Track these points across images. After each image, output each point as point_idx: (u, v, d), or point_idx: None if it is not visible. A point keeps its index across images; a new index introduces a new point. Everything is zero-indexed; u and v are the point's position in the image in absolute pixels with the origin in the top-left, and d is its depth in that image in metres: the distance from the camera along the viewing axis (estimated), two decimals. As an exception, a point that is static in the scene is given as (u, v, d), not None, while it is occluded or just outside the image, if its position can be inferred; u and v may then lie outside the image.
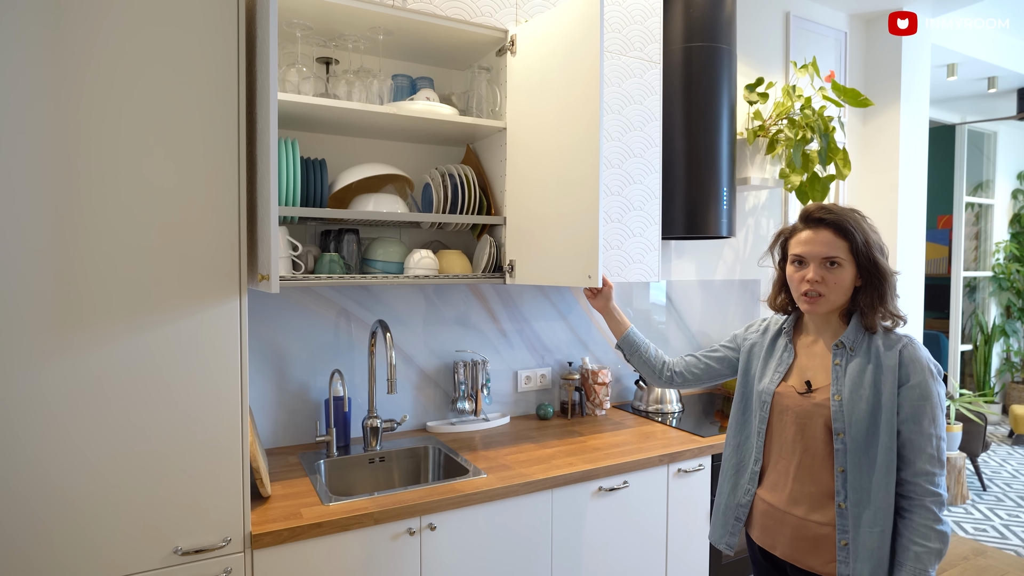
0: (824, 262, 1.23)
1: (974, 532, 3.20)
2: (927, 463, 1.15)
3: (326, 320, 1.92)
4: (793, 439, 1.28)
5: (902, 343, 1.21)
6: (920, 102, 3.19)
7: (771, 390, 1.33)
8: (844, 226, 1.22)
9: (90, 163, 1.15)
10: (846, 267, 1.22)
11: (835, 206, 1.25)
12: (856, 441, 1.19)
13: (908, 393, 1.17)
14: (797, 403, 1.28)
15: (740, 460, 1.39)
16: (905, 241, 3.15)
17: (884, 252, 1.24)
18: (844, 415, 1.20)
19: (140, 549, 1.20)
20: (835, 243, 1.23)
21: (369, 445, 1.84)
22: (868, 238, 1.22)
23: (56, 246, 1.13)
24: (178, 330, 1.22)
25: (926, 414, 1.15)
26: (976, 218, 5.44)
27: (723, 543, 1.40)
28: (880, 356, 1.21)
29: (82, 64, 1.14)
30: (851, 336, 1.25)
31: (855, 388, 1.21)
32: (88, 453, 1.16)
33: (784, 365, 1.33)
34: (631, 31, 2.01)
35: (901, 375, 1.18)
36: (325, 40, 1.74)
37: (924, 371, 1.17)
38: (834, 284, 1.23)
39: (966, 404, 3.69)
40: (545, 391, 2.33)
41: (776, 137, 2.62)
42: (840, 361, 1.25)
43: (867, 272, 1.23)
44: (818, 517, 1.24)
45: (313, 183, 1.61)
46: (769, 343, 1.39)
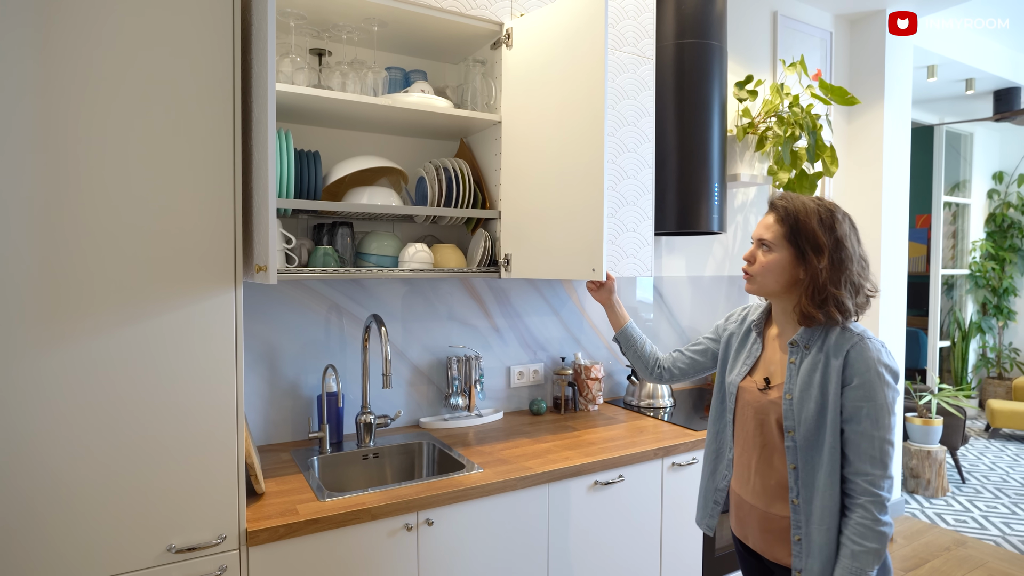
0: (759, 243, 1.25)
1: (955, 523, 3.27)
2: (867, 464, 1.13)
3: (319, 315, 1.89)
4: (753, 433, 1.29)
5: (852, 342, 1.16)
6: (903, 102, 3.25)
7: (736, 383, 1.34)
8: (786, 212, 1.21)
9: (82, 153, 1.12)
10: (775, 251, 1.21)
11: (799, 196, 1.23)
12: (805, 439, 1.19)
13: (850, 394, 1.15)
14: (756, 399, 1.28)
15: (718, 447, 1.41)
16: (888, 238, 3.20)
17: (837, 237, 1.18)
18: (794, 414, 1.20)
19: (133, 547, 1.18)
20: (772, 227, 1.23)
21: (363, 441, 1.82)
22: (808, 226, 1.18)
23: (46, 235, 1.09)
24: (171, 322, 1.20)
25: (867, 415, 1.13)
26: (953, 217, 5.56)
27: (704, 524, 1.44)
28: (829, 355, 1.18)
29: (74, 51, 1.11)
30: (805, 334, 1.23)
31: (805, 387, 1.20)
32: (80, 449, 1.13)
33: (752, 358, 1.33)
34: (624, 26, 2.01)
35: (845, 375, 1.16)
36: (319, 31, 1.72)
37: (869, 371, 1.14)
38: (761, 266, 1.23)
39: (946, 399, 3.76)
40: (538, 386, 2.33)
41: (765, 134, 2.64)
42: (795, 359, 1.23)
43: (805, 257, 1.18)
44: (778, 510, 1.25)
45: (307, 175, 1.59)
46: (744, 333, 1.38)
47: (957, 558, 2.88)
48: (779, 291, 1.24)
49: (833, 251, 1.17)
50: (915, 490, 3.66)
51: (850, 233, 1.20)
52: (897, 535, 3.11)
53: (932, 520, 3.31)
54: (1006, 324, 5.63)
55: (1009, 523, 3.27)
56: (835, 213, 1.20)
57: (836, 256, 1.17)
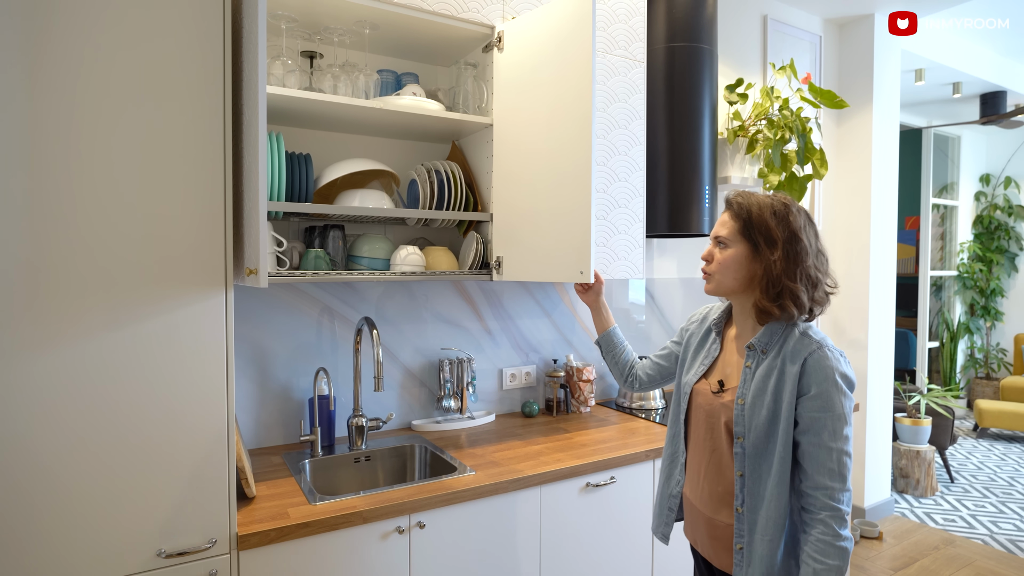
0: (715, 241, 1.22)
1: (943, 523, 3.30)
2: (826, 477, 1.09)
3: (310, 318, 1.89)
4: (704, 437, 1.26)
5: (810, 350, 1.12)
6: (891, 105, 3.28)
7: (691, 385, 1.30)
8: (740, 208, 1.19)
9: (70, 155, 1.11)
10: (731, 246, 1.19)
11: (754, 193, 1.21)
12: (755, 447, 1.15)
13: (807, 404, 1.10)
14: (709, 401, 1.25)
15: (673, 451, 1.36)
16: (878, 239, 3.23)
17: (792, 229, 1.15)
18: (745, 419, 1.16)
19: (123, 551, 1.17)
20: (727, 223, 1.20)
21: (354, 444, 1.82)
22: (762, 216, 1.15)
23: (34, 238, 1.09)
24: (161, 325, 1.19)
25: (826, 427, 1.09)
26: (942, 219, 5.62)
27: (659, 532, 1.39)
28: (786, 361, 1.14)
29: (63, 52, 1.10)
30: (764, 338, 1.18)
31: (758, 393, 1.16)
32: (68, 453, 1.12)
33: (709, 359, 1.29)
34: (615, 29, 2.02)
35: (802, 384, 1.11)
36: (310, 33, 1.72)
37: (827, 381, 1.10)
38: (718, 263, 1.20)
39: (934, 399, 3.80)
40: (530, 389, 2.33)
41: (755, 137, 2.66)
42: (751, 363, 1.19)
43: (759, 250, 1.16)
44: (724, 518, 1.22)
45: (298, 178, 1.59)
46: (704, 334, 1.34)
47: (946, 557, 2.91)
48: (737, 288, 1.21)
49: (787, 243, 1.14)
50: (904, 489, 3.69)
51: (806, 226, 1.17)
52: (886, 534, 3.14)
53: (921, 519, 3.34)
54: (993, 325, 5.69)
55: (997, 522, 3.30)
56: (790, 207, 1.17)
57: (791, 248, 1.14)
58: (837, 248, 3.33)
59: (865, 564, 2.85)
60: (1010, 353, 5.65)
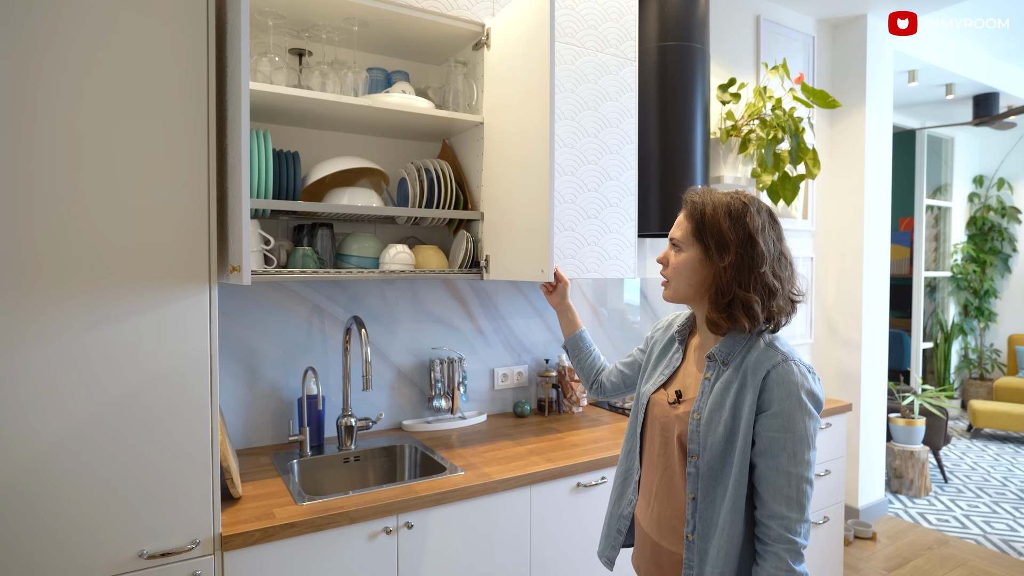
0: (671, 244, 1.14)
1: (937, 523, 3.29)
2: (782, 505, 0.99)
3: (299, 317, 1.87)
4: (658, 453, 1.15)
5: (774, 362, 1.02)
6: (884, 106, 3.28)
7: (648, 394, 1.20)
8: (694, 207, 1.09)
9: (50, 149, 1.10)
10: (685, 250, 1.10)
11: (713, 191, 1.12)
12: (709, 467, 1.04)
13: (767, 422, 1.00)
14: (664, 412, 1.15)
15: (628, 468, 1.25)
16: (871, 240, 3.23)
17: (748, 232, 1.05)
18: (700, 436, 1.06)
19: (103, 552, 1.15)
20: (681, 224, 1.12)
21: (344, 444, 1.80)
22: (715, 216, 1.06)
23: (11, 232, 1.07)
24: (144, 322, 1.18)
25: (785, 449, 0.99)
26: (935, 220, 5.63)
27: (604, 556, 1.26)
28: (747, 374, 1.04)
29: (44, 47, 1.09)
30: (724, 348, 1.08)
31: (716, 408, 1.05)
32: (47, 452, 1.10)
33: (670, 369, 1.19)
34: (607, 28, 2.02)
35: (762, 400, 1.01)
36: (298, 31, 1.70)
37: (790, 398, 1.00)
38: (673, 268, 1.11)
39: (928, 399, 3.80)
40: (522, 389, 2.32)
41: (748, 137, 2.66)
42: (710, 375, 1.09)
43: (710, 254, 1.07)
44: (671, 545, 1.11)
45: (286, 176, 1.58)
46: (666, 342, 1.25)
47: (939, 557, 2.90)
48: (693, 295, 1.11)
49: (741, 247, 1.04)
50: (898, 490, 3.69)
51: (766, 228, 1.06)
52: (880, 534, 3.13)
53: (915, 519, 3.34)
54: (987, 326, 5.70)
55: (990, 522, 3.30)
56: (749, 206, 1.06)
57: (745, 253, 1.04)
58: (830, 248, 3.33)
59: (859, 564, 2.84)
60: (1004, 354, 5.66)
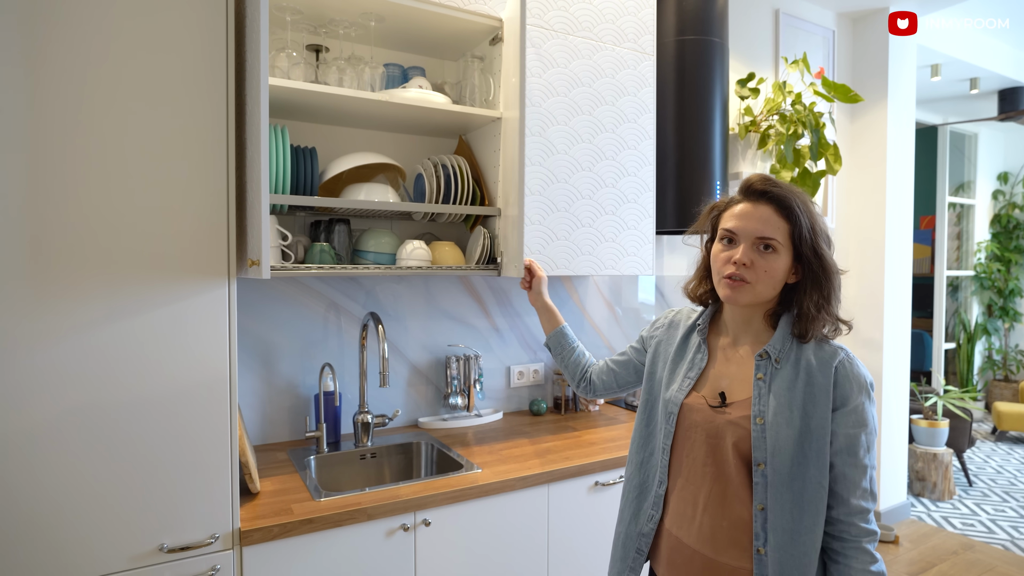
0: (758, 243, 1.01)
1: (962, 527, 3.22)
2: (862, 499, 0.97)
3: (316, 313, 1.87)
4: (704, 462, 1.06)
5: (839, 358, 1.00)
6: (906, 101, 3.22)
7: (679, 400, 1.10)
8: (789, 204, 1.00)
9: (70, 146, 1.10)
10: (782, 254, 1.01)
11: (784, 181, 1.04)
12: (780, 474, 0.98)
13: (844, 419, 0.98)
14: (708, 418, 1.06)
15: (643, 481, 1.16)
16: (893, 239, 3.17)
17: (831, 245, 1.04)
18: (767, 442, 0.99)
19: (125, 546, 1.15)
20: (774, 222, 1.00)
21: (360, 441, 1.80)
22: (815, 224, 1.01)
23: (34, 228, 1.08)
24: (163, 317, 1.18)
25: (862, 444, 0.97)
26: (958, 218, 5.53)
27: None
28: (812, 372, 1.00)
29: (66, 42, 1.09)
30: (778, 344, 1.03)
31: (780, 410, 0.99)
32: (69, 446, 1.11)
33: (696, 370, 1.10)
34: (624, 22, 2.00)
35: (837, 396, 0.98)
36: (315, 26, 1.70)
37: (862, 392, 0.98)
38: (764, 272, 1.01)
39: (952, 400, 3.72)
40: (538, 387, 2.30)
41: (767, 132, 2.63)
42: (764, 375, 1.02)
43: (809, 266, 1.01)
44: (731, 559, 1.01)
45: (303, 172, 1.57)
46: (680, 342, 1.16)
47: (965, 562, 2.84)
48: (769, 304, 1.06)
49: (831, 263, 1.03)
50: (921, 493, 3.62)
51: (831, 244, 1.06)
52: (903, 538, 3.07)
53: (938, 523, 3.27)
54: (1012, 326, 5.58)
55: (1018, 527, 3.22)
56: (817, 207, 1.06)
57: (833, 270, 1.03)
58: (851, 245, 3.27)
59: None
60: (1029, 355, 5.54)
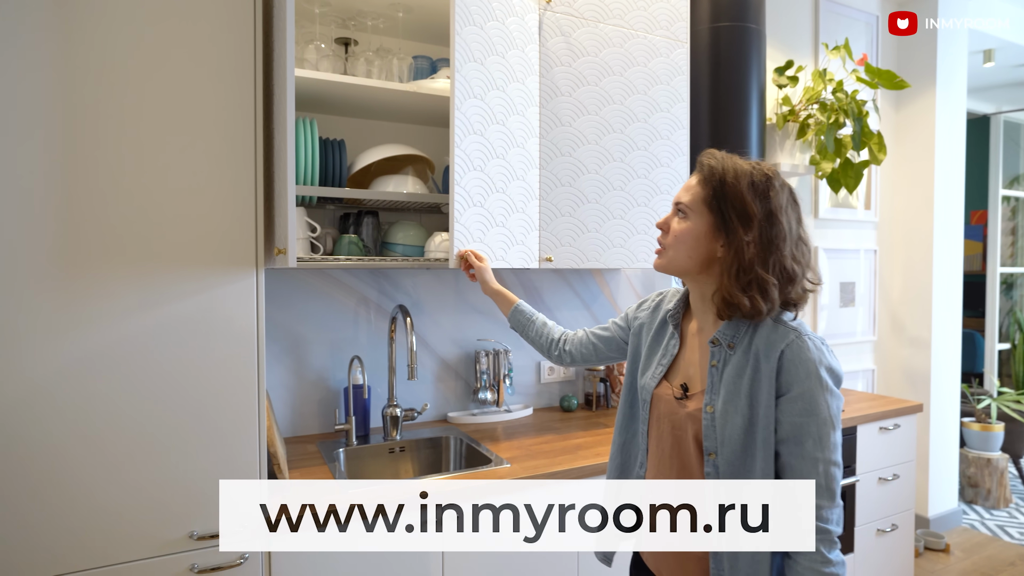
0: (675, 208, 1.03)
1: (1019, 537, 3.05)
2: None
3: (345, 307, 1.88)
4: (670, 454, 1.06)
5: (787, 340, 0.95)
6: (957, 88, 3.07)
7: (650, 389, 1.10)
8: (711, 172, 0.99)
9: (100, 137, 1.12)
10: (692, 219, 1.00)
11: (731, 156, 1.02)
12: (730, 464, 0.97)
13: (788, 406, 0.94)
14: (673, 410, 1.05)
15: (624, 461, 1.18)
16: (942, 234, 3.03)
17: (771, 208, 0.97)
18: (716, 431, 0.98)
19: (155, 532, 1.16)
20: (693, 189, 1.02)
21: (389, 434, 1.79)
22: (738, 186, 0.96)
23: (67, 219, 1.10)
24: (192, 305, 1.19)
25: (810, 434, 0.92)
26: (1012, 212, 5.26)
27: (602, 555, 1.22)
28: (759, 357, 0.96)
29: (99, 31, 1.11)
30: (730, 329, 1.00)
31: (730, 398, 0.97)
32: (100, 434, 1.13)
33: (668, 358, 1.09)
34: (657, 9, 1.95)
35: (780, 383, 0.94)
36: (344, 19, 1.71)
37: (810, 377, 0.93)
38: (673, 236, 1.02)
39: (1007, 403, 3.53)
40: (569, 383, 2.26)
41: (806, 122, 2.53)
42: (717, 362, 1.00)
43: (728, 227, 0.97)
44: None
45: (332, 164, 1.58)
46: (658, 326, 1.15)
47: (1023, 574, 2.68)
48: (691, 269, 1.02)
49: (764, 223, 0.96)
50: (974, 500, 3.44)
51: (787, 207, 0.99)
52: (954, 547, 2.92)
53: (994, 532, 3.10)
54: (1072, 326, 5.27)
55: (1080, 537, 3.03)
56: (772, 180, 0.98)
57: (767, 231, 0.96)
58: (896, 241, 3.13)
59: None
60: (1092, 356, 5.22)
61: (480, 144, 1.56)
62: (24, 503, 1.07)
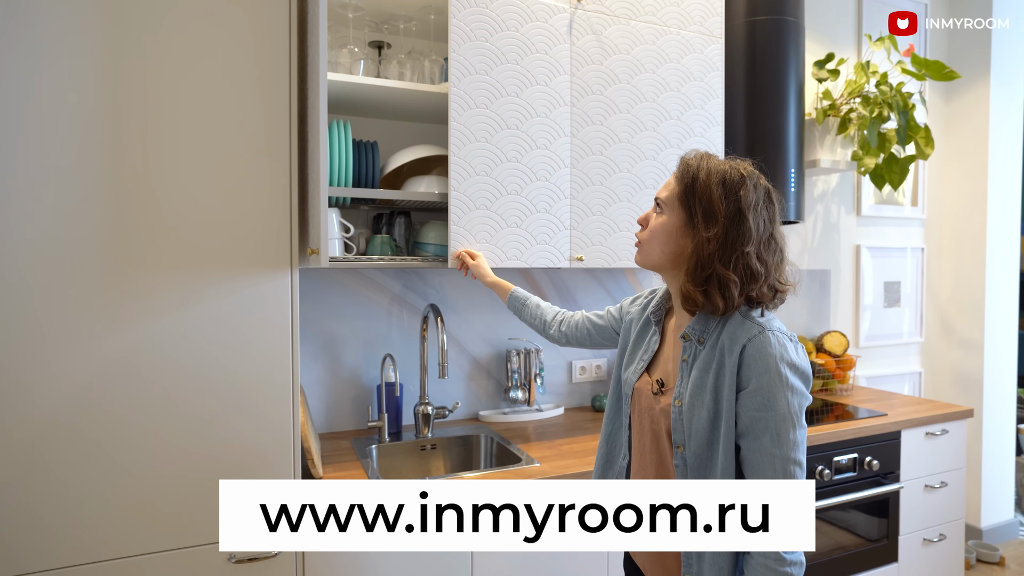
0: (655, 204, 1.06)
1: (1081, 550, 2.88)
2: None
3: (377, 305, 1.91)
4: (649, 448, 1.08)
5: (749, 335, 0.95)
6: (1013, 77, 2.92)
7: (632, 383, 1.12)
8: (686, 170, 1.01)
9: (141, 142, 1.17)
10: (667, 213, 1.02)
11: (714, 156, 1.02)
12: (696, 457, 0.98)
13: (747, 400, 0.94)
14: (650, 405, 1.08)
15: (610, 451, 1.20)
16: (996, 231, 2.89)
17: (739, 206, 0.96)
18: (684, 425, 0.99)
19: (190, 524, 1.21)
20: (669, 185, 1.04)
21: (420, 432, 1.81)
22: (707, 183, 0.97)
23: (110, 221, 1.15)
24: (228, 304, 1.23)
25: (767, 429, 0.92)
26: (1075, 209, 4.97)
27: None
28: (723, 352, 0.97)
29: (139, 38, 1.16)
30: (699, 326, 1.01)
31: (696, 392, 0.98)
32: (141, 427, 1.17)
33: (649, 354, 1.12)
34: (690, 4, 1.92)
35: (740, 378, 0.94)
36: (377, 23, 1.74)
37: (769, 373, 0.92)
38: (650, 231, 1.04)
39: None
40: (601, 382, 2.25)
41: (848, 116, 2.45)
42: (687, 356, 1.02)
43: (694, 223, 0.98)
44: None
45: (365, 165, 1.60)
46: (644, 322, 1.17)
47: (1084, 589, 2.54)
48: (664, 263, 1.04)
49: (728, 221, 0.96)
50: (1031, 511, 3.27)
51: (759, 206, 0.98)
52: (1010, 560, 2.78)
53: (1052, 545, 2.94)
54: None
55: None
56: (747, 179, 0.98)
57: (731, 228, 0.96)
58: (945, 239, 3.01)
59: (983, 591, 2.54)
60: None
61: (486, 150, 1.62)
62: (78, 490, 1.13)
